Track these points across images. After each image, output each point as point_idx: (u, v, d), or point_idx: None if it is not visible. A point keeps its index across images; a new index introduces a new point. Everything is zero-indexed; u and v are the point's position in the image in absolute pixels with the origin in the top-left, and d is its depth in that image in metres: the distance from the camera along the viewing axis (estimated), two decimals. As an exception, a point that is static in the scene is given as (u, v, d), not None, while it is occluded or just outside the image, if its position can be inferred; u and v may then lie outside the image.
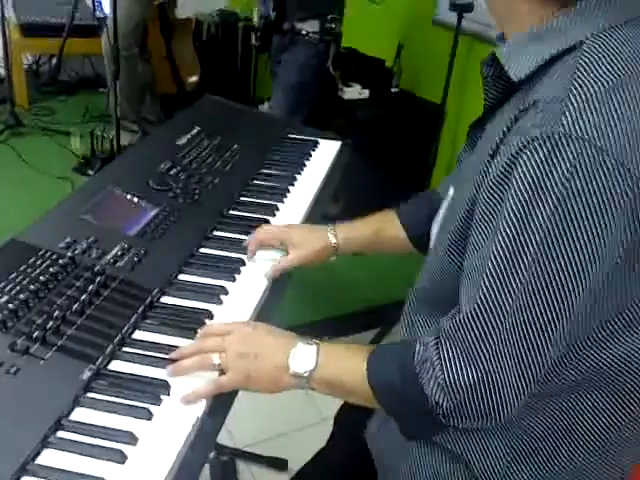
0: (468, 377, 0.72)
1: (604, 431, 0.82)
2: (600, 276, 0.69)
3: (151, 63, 3.61)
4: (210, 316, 0.96)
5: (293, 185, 1.40)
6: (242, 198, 1.31)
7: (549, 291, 0.68)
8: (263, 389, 0.86)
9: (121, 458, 0.71)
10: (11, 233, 1.01)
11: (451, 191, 0.93)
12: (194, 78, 3.88)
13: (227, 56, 3.78)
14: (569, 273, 0.67)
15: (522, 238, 0.68)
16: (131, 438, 0.74)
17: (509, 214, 0.69)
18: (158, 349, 0.88)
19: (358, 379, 0.80)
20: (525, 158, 0.67)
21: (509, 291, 0.70)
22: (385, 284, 2.49)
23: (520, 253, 0.68)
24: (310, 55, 2.49)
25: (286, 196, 1.35)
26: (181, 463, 0.74)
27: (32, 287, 0.90)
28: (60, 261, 0.97)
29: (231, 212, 1.26)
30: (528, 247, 0.68)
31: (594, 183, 0.65)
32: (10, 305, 0.86)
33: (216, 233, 1.18)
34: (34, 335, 0.83)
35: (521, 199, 0.68)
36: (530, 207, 0.67)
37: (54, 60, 3.80)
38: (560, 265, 0.67)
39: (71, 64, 4.12)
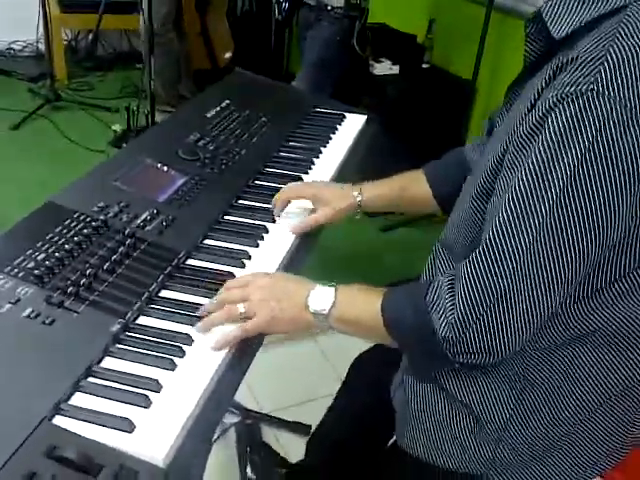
0: (477, 313, 0.76)
1: (607, 386, 0.85)
2: (612, 231, 0.71)
3: (187, 40, 3.66)
4: (233, 278, 1.00)
5: (318, 157, 1.43)
6: (267, 169, 1.35)
7: (561, 236, 0.71)
8: (285, 329, 0.92)
9: (146, 403, 0.77)
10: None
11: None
12: (228, 54, 3.92)
13: (261, 32, 3.80)
14: (585, 222, 0.70)
15: (543, 181, 0.71)
16: (156, 385, 0.79)
17: (535, 159, 0.72)
18: (183, 306, 0.93)
19: (373, 315, 0.86)
20: (558, 112, 0.70)
21: (522, 230, 0.73)
22: (412, 259, 2.51)
23: (539, 195, 0.72)
24: (334, 31, 2.48)
25: (311, 168, 1.39)
26: (201, 410, 0.79)
27: (67, 246, 0.96)
28: (93, 223, 1.03)
29: (256, 182, 1.30)
30: (549, 190, 0.71)
31: (621, 142, 0.67)
32: (47, 262, 0.93)
33: (241, 201, 1.23)
34: (68, 290, 0.89)
35: (548, 148, 0.71)
36: (556, 156, 0.70)
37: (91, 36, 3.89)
38: (577, 213, 0.70)
39: (109, 40, 4.21)
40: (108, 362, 0.82)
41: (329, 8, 2.46)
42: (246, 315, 0.90)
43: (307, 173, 1.37)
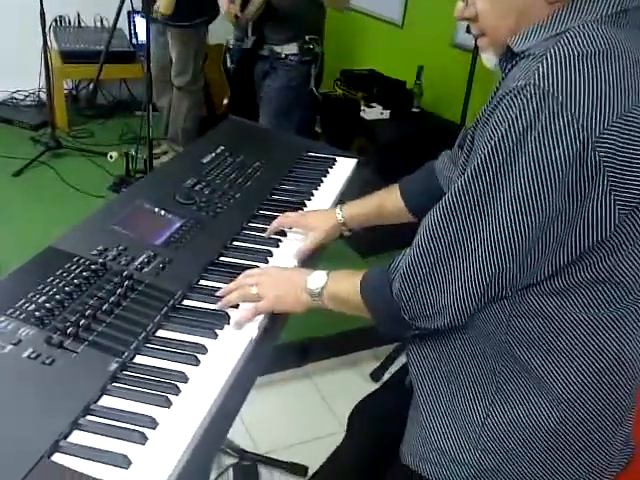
0: (420, 268, 0.88)
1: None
2: (546, 208, 0.79)
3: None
4: (227, 318, 1.04)
5: (310, 200, 1.48)
6: (261, 211, 1.40)
7: (497, 208, 0.81)
8: (289, 308, 1.07)
9: (142, 439, 0.79)
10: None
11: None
12: (224, 101, 4.03)
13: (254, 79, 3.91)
14: (519, 200, 0.79)
15: (482, 168, 0.81)
16: (152, 422, 0.82)
17: (483, 146, 0.82)
18: (178, 345, 0.96)
19: (354, 290, 0.98)
20: (502, 105, 0.80)
21: (460, 204, 0.83)
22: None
23: (480, 178, 0.82)
24: (290, 78, 2.50)
25: (302, 210, 1.43)
26: (196, 446, 0.82)
27: (67, 289, 1.00)
28: (92, 266, 1.07)
29: (250, 224, 1.35)
30: (485, 175, 0.81)
31: (550, 132, 0.76)
32: (47, 305, 0.96)
33: (236, 243, 1.27)
34: (68, 331, 0.92)
35: (489, 140, 0.80)
36: (494, 146, 0.80)
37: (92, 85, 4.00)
38: (512, 190, 0.79)
39: (109, 88, 4.32)
40: (106, 400, 0.85)
41: (283, 56, 2.48)
42: (257, 296, 1.05)
43: (300, 215, 1.41)
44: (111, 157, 3.46)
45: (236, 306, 1.07)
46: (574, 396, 0.88)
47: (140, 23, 3.95)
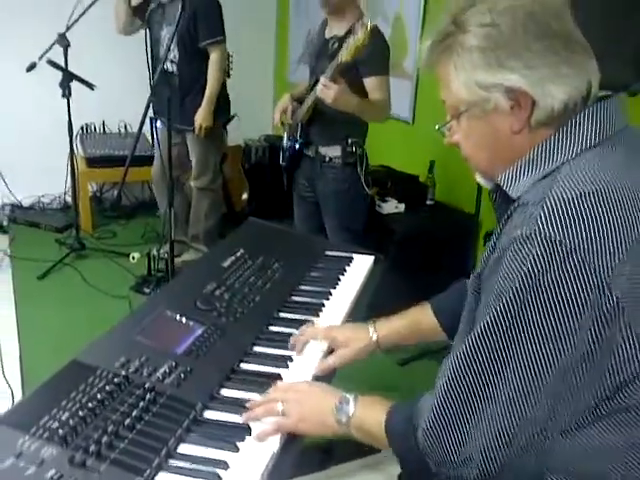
0: (442, 419, 0.86)
1: None
2: (566, 361, 0.77)
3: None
4: (249, 431, 1.03)
5: (328, 299, 1.50)
6: (281, 314, 1.41)
7: (512, 363, 0.79)
8: (312, 430, 1.05)
9: None
10: (75, 348, 1.14)
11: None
12: (243, 197, 4.15)
13: (274, 177, 4.04)
14: (536, 353, 0.78)
15: (496, 322, 0.80)
16: None
17: (489, 302, 0.82)
18: (200, 462, 0.95)
19: (379, 427, 0.97)
20: (509, 254, 0.80)
21: (476, 358, 0.82)
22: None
23: (493, 333, 0.81)
24: (339, 180, 2.56)
25: (321, 310, 1.45)
26: None
27: (90, 405, 1.01)
28: (115, 379, 1.07)
29: (270, 328, 1.36)
30: (499, 329, 0.80)
31: (562, 280, 0.75)
32: (70, 422, 0.96)
33: (255, 349, 1.28)
34: (90, 450, 0.92)
35: (500, 294, 0.80)
36: (508, 300, 0.79)
37: (116, 188, 4.15)
38: (529, 346, 0.78)
39: (131, 190, 4.48)
40: (127, 523, 0.83)
41: (327, 159, 2.55)
42: (283, 413, 1.03)
43: (318, 316, 1.42)
44: (133, 258, 3.54)
45: None
46: None
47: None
